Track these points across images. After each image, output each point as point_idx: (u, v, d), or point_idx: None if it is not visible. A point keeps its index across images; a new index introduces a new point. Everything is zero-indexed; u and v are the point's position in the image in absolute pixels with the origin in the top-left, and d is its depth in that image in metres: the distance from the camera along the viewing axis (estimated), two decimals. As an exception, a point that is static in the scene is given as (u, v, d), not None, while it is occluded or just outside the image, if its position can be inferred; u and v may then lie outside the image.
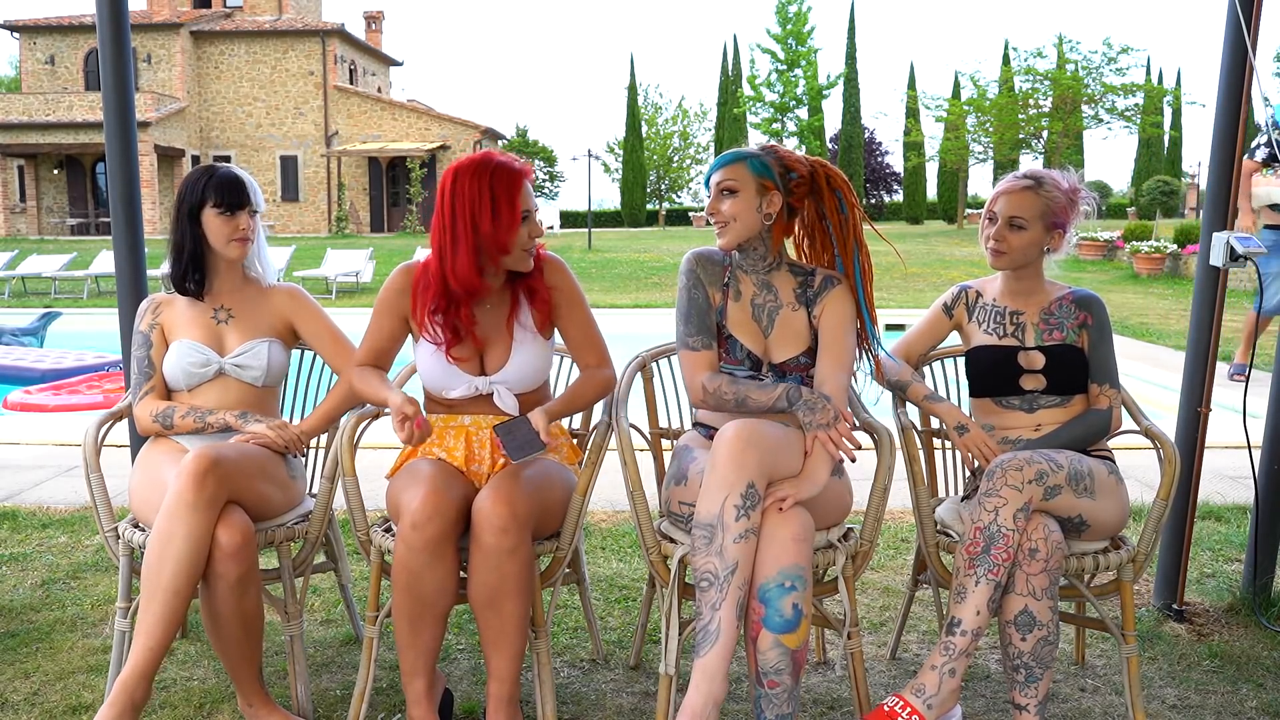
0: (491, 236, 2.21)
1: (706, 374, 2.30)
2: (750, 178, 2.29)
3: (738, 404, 2.26)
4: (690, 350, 2.33)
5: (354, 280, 16.38)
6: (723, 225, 2.30)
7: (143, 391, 2.51)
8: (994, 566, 2.12)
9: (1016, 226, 2.40)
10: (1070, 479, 2.19)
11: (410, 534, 2.08)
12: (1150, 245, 17.45)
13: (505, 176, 2.22)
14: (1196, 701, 2.50)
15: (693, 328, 2.34)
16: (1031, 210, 2.40)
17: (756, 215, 2.30)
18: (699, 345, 2.33)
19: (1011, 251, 2.42)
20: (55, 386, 7.55)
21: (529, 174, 2.29)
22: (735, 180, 2.29)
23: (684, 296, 2.37)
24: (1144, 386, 6.77)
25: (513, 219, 2.22)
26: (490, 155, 2.26)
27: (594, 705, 2.48)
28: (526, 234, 2.27)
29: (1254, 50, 2.78)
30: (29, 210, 33.97)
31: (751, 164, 2.30)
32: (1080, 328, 2.45)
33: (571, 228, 39.05)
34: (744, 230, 2.30)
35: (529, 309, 2.37)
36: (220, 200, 2.44)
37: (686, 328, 2.34)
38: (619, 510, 4.06)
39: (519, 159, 2.28)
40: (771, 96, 38.92)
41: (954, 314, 2.58)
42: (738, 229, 2.30)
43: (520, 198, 2.24)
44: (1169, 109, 38.87)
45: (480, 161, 2.24)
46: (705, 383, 2.29)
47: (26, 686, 2.53)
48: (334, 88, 35.95)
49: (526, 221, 2.26)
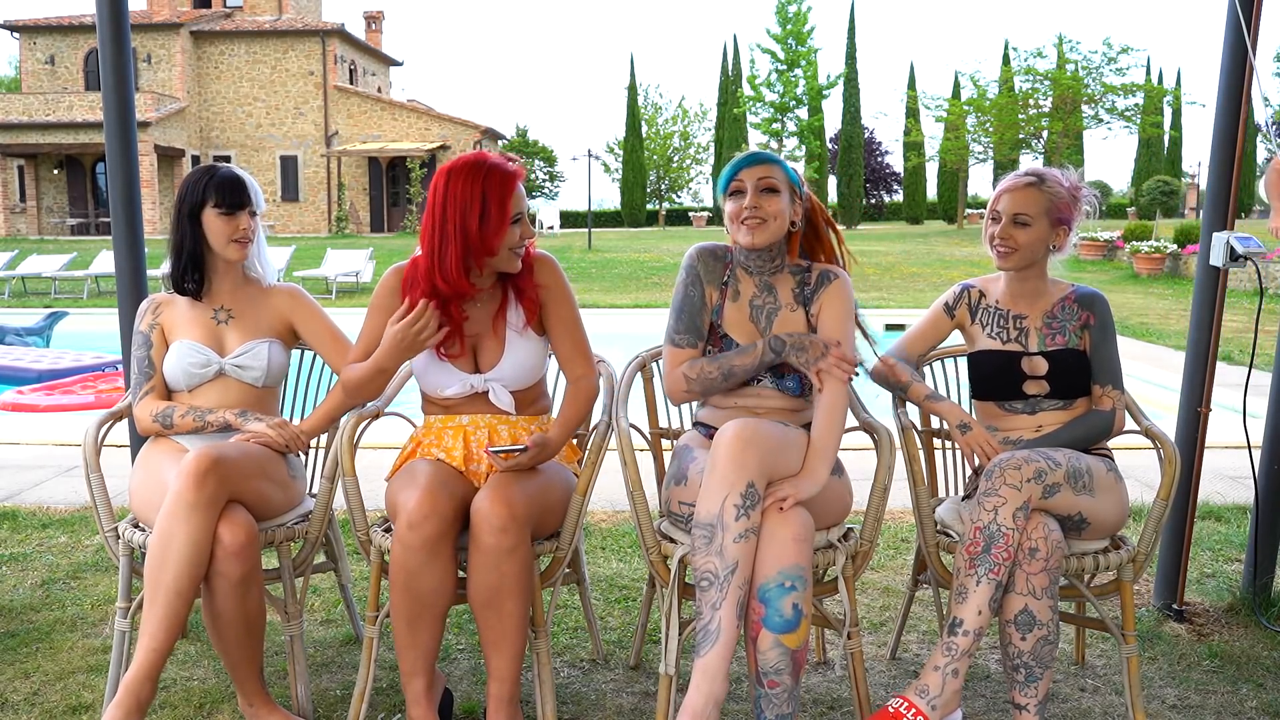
0: (480, 238, 2.21)
1: (685, 363, 2.32)
2: (786, 181, 2.32)
3: (725, 377, 2.28)
4: (675, 347, 2.36)
5: (354, 280, 16.39)
6: (760, 222, 2.28)
7: (143, 391, 2.50)
8: (994, 566, 2.11)
9: (1021, 223, 2.39)
10: (1069, 477, 2.19)
11: (407, 534, 2.08)
12: (1150, 245, 17.47)
13: (497, 179, 2.21)
14: (1196, 702, 2.50)
15: (682, 324, 2.36)
16: (1036, 206, 2.39)
17: (787, 220, 2.31)
18: (684, 343, 2.35)
19: (1019, 249, 2.40)
20: (49, 387, 7.55)
21: (521, 176, 2.28)
22: (776, 179, 2.30)
23: (680, 292, 2.38)
24: (1144, 386, 6.77)
25: (502, 222, 2.21)
26: (483, 157, 2.25)
27: (594, 705, 2.48)
28: (516, 236, 2.26)
29: (1254, 50, 2.78)
30: (29, 210, 33.98)
31: (786, 169, 2.33)
32: (1083, 329, 2.44)
33: (571, 228, 39.02)
34: (777, 232, 2.30)
35: (518, 306, 2.37)
36: (221, 200, 2.43)
37: (676, 323, 2.37)
38: (619, 510, 4.06)
39: (512, 161, 2.28)
40: (771, 96, 38.89)
41: (956, 314, 2.57)
42: (774, 229, 2.29)
43: (511, 201, 2.23)
44: (1169, 109, 38.87)
45: (473, 163, 2.23)
46: (685, 371, 2.31)
47: (26, 686, 2.53)
48: (334, 88, 35.95)
49: (517, 224, 2.26)
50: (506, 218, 2.22)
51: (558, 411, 2.38)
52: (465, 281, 2.24)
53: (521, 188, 2.28)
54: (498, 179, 2.22)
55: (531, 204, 49.01)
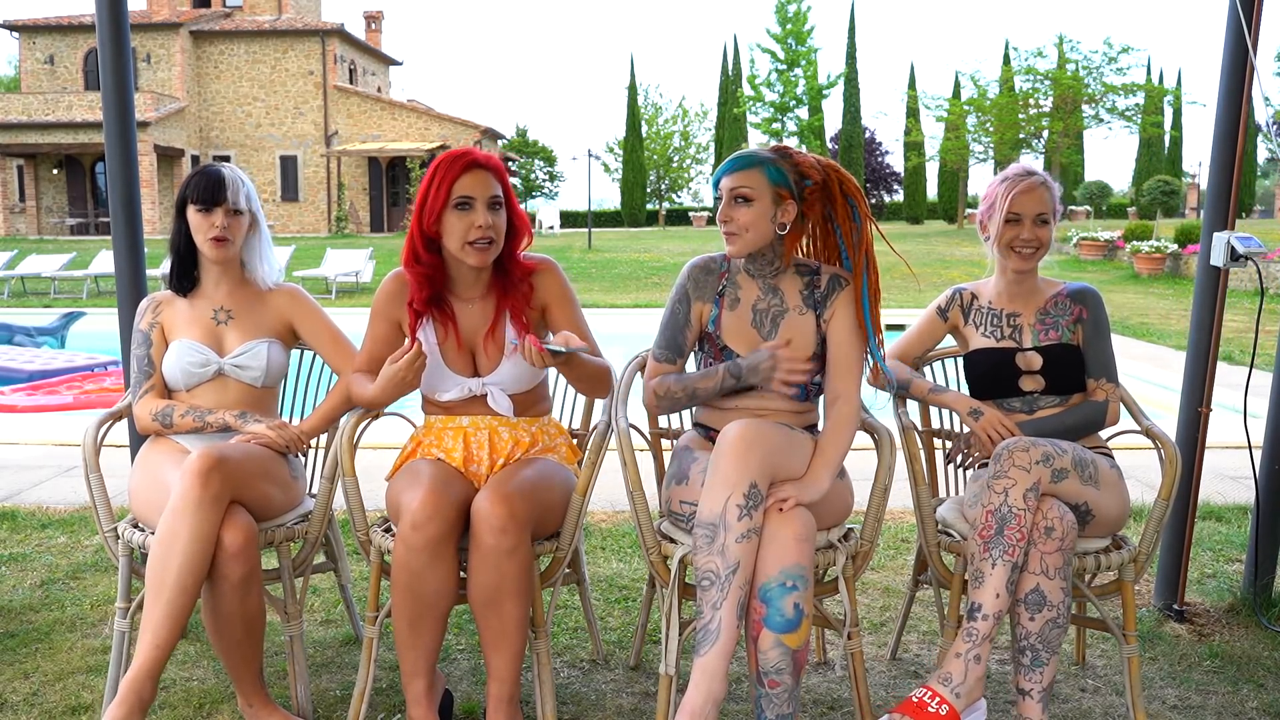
0: (418, 218, 2.26)
1: (656, 379, 2.35)
2: (766, 186, 2.22)
3: (690, 398, 2.31)
4: (654, 360, 2.40)
5: (354, 280, 16.39)
6: (733, 235, 2.24)
7: (143, 390, 2.50)
8: (1009, 548, 2.11)
9: (1044, 222, 2.41)
10: (1075, 464, 2.20)
11: (410, 534, 2.08)
12: (1151, 245, 17.46)
13: (448, 161, 2.25)
14: (1197, 702, 2.50)
15: (663, 340, 2.38)
16: (1050, 205, 2.42)
17: (770, 226, 2.23)
18: (661, 358, 2.38)
19: (1043, 247, 2.42)
20: (34, 387, 7.54)
21: (484, 163, 2.26)
22: (751, 188, 2.22)
23: (668, 308, 2.40)
24: (1144, 386, 6.78)
25: (437, 201, 2.23)
26: (464, 150, 2.28)
27: (594, 705, 2.47)
28: (464, 223, 2.24)
29: (1254, 50, 2.78)
30: (29, 210, 33.97)
31: (768, 171, 2.22)
32: (1075, 323, 2.45)
33: (571, 228, 39.03)
34: (756, 241, 2.24)
35: (514, 311, 2.35)
36: (196, 196, 2.43)
37: (659, 338, 2.39)
38: (619, 510, 4.05)
39: (489, 154, 2.28)
40: (771, 96, 38.89)
41: (949, 316, 2.57)
42: (750, 239, 2.24)
43: (456, 183, 2.23)
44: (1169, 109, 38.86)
45: (450, 153, 2.27)
46: (655, 387, 2.34)
47: (26, 686, 2.53)
48: (334, 88, 35.93)
49: (463, 209, 2.23)
50: (442, 196, 2.23)
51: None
52: (410, 258, 2.30)
53: (481, 175, 2.25)
54: (448, 161, 2.25)
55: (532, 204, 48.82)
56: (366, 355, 2.41)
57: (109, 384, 7.66)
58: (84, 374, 8.09)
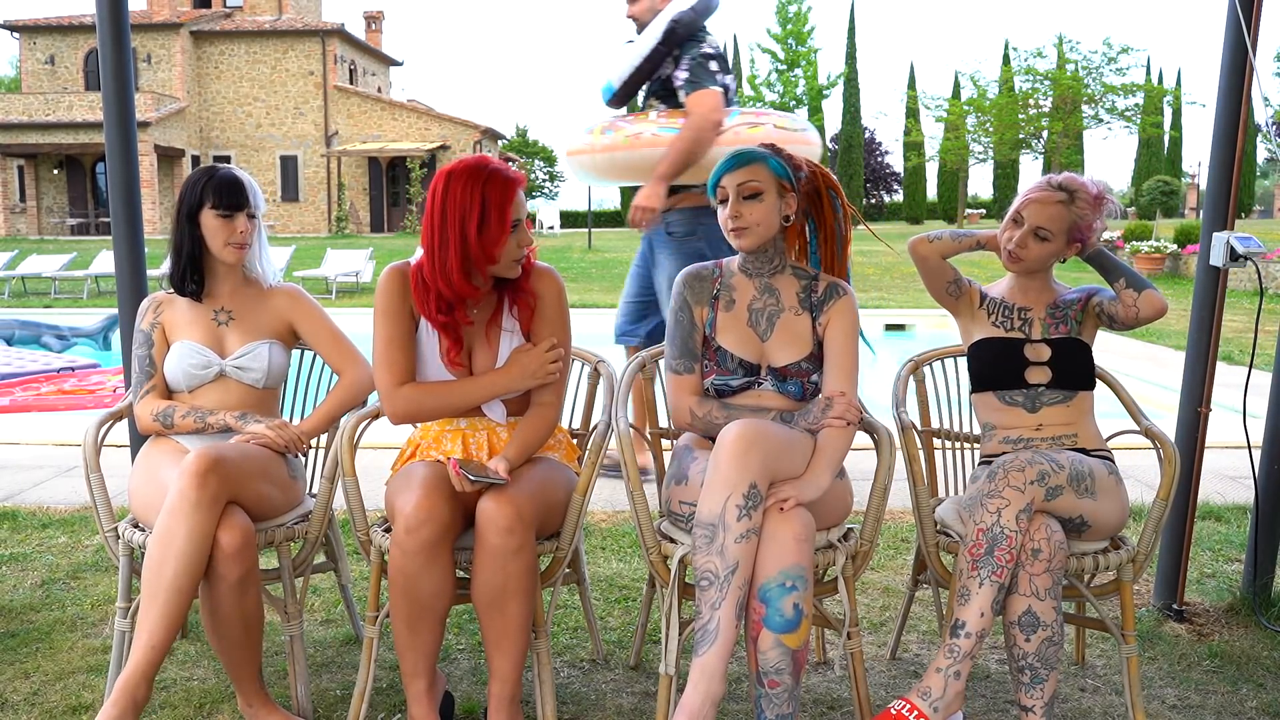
0: (479, 246, 2.17)
1: (695, 399, 2.32)
2: (772, 179, 2.27)
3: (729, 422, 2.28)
4: (675, 374, 2.36)
5: (354, 280, 16.38)
6: (743, 230, 2.27)
7: (144, 390, 2.50)
8: (997, 568, 2.12)
9: (1042, 237, 2.40)
10: (1071, 479, 2.20)
11: (404, 538, 2.08)
12: (1150, 245, 17.47)
13: (498, 186, 2.17)
14: (1196, 702, 2.50)
15: (676, 350, 2.36)
16: (1059, 224, 2.39)
17: (777, 218, 2.29)
18: (682, 369, 2.35)
19: (1028, 259, 2.42)
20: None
21: (521, 182, 2.23)
22: (759, 182, 2.26)
23: (671, 319, 2.39)
24: (1144, 386, 6.77)
25: (502, 230, 2.17)
26: (485, 161, 2.21)
27: (594, 705, 2.48)
28: (515, 244, 2.23)
29: (1254, 50, 2.78)
30: (29, 210, 33.99)
31: (772, 164, 2.28)
32: (1083, 308, 2.47)
33: (571, 228, 39.02)
34: (766, 234, 2.29)
35: (512, 315, 2.33)
36: (218, 202, 2.42)
37: (671, 350, 2.38)
38: (619, 510, 4.06)
39: (513, 167, 2.25)
40: (771, 96, 38.89)
41: (967, 287, 2.56)
42: (761, 233, 2.28)
43: (512, 208, 2.19)
44: (1169, 109, 38.90)
45: (474, 168, 2.18)
46: (694, 408, 2.31)
47: (26, 686, 2.53)
48: (334, 88, 35.96)
49: (516, 231, 2.22)
50: (506, 226, 2.18)
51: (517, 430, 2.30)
52: (468, 285, 2.21)
53: (521, 194, 2.24)
54: (498, 186, 2.17)
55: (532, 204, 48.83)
56: (392, 363, 2.26)
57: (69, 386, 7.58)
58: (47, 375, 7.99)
